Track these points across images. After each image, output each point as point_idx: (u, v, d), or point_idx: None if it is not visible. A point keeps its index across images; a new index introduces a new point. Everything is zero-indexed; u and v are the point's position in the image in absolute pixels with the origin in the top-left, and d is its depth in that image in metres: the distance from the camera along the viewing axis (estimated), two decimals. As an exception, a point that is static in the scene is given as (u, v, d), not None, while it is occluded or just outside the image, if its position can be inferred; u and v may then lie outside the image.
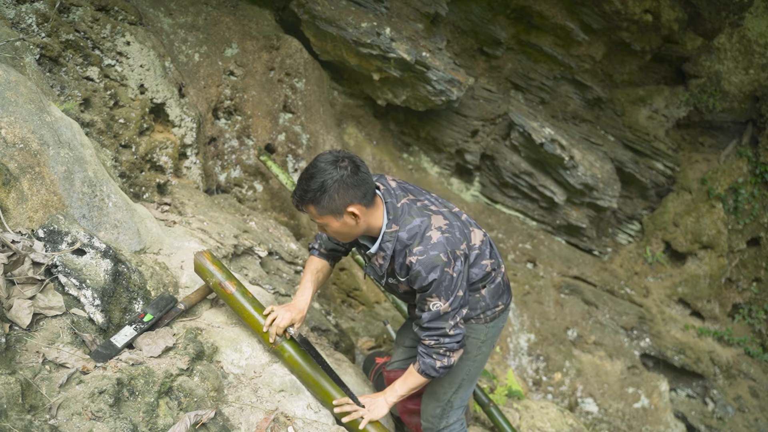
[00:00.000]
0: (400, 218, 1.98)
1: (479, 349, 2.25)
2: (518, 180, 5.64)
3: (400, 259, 1.99)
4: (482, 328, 2.22)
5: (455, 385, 2.30)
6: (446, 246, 1.94)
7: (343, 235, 1.98)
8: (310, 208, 1.90)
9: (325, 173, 1.84)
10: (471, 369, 2.29)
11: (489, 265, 2.14)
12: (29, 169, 1.90)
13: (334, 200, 1.86)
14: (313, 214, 1.91)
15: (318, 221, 1.94)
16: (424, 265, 1.91)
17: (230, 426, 1.78)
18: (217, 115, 3.79)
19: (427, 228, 1.96)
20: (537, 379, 5.12)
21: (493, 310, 2.22)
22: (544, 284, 5.58)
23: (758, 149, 6.02)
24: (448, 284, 1.94)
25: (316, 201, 1.87)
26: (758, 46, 5.68)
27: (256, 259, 3.12)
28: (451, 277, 1.94)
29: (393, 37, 4.26)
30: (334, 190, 1.84)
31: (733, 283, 6.23)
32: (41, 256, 1.77)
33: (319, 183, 1.84)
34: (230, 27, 3.86)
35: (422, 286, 1.95)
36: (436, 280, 1.92)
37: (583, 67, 5.62)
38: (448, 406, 2.33)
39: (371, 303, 4.25)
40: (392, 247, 1.98)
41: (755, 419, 5.72)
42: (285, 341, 2.11)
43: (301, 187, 1.88)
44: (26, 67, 2.41)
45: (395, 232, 1.97)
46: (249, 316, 2.11)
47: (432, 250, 1.92)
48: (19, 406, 1.38)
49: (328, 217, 1.91)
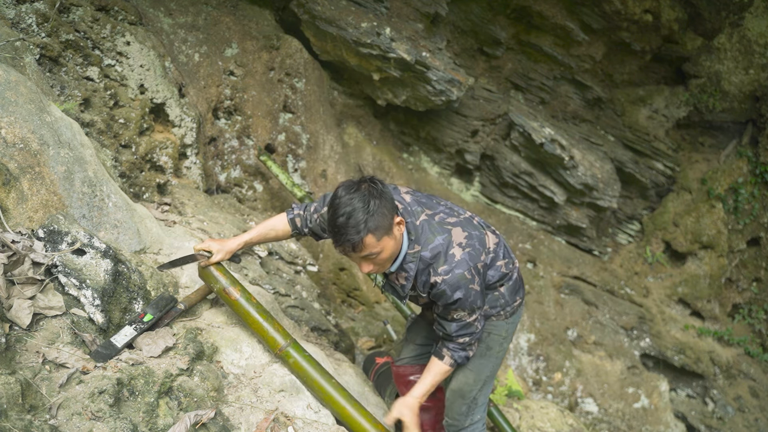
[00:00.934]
0: (422, 237, 1.97)
1: (501, 345, 2.31)
2: (518, 180, 5.64)
3: (422, 278, 2.00)
4: (503, 324, 2.28)
5: (480, 382, 2.34)
6: (469, 262, 1.96)
7: (390, 258, 1.92)
8: (368, 240, 1.80)
9: (361, 199, 1.79)
10: (495, 365, 2.35)
11: (504, 266, 2.17)
12: (29, 169, 1.90)
13: (385, 217, 1.82)
14: (372, 244, 1.82)
15: (376, 250, 1.84)
16: (449, 284, 1.93)
17: (230, 426, 1.78)
18: (217, 115, 3.79)
19: (449, 245, 1.96)
20: (537, 379, 5.12)
21: (512, 306, 2.27)
22: (544, 284, 5.58)
23: (758, 149, 6.02)
24: (473, 299, 1.99)
25: (373, 227, 1.79)
26: (758, 46, 5.68)
27: (256, 259, 3.12)
28: (476, 291, 1.99)
29: (393, 37, 4.26)
30: (379, 208, 1.79)
31: (733, 283, 6.23)
32: (41, 256, 1.77)
33: (365, 209, 1.77)
34: (230, 27, 3.86)
35: (447, 303, 1.98)
36: (461, 299, 1.96)
37: (583, 67, 5.62)
38: (474, 403, 2.37)
39: (371, 303, 4.25)
40: (415, 267, 1.98)
41: (755, 419, 5.72)
42: (290, 346, 2.11)
43: (350, 225, 1.77)
44: (26, 67, 2.41)
45: (417, 252, 1.97)
46: (254, 322, 2.11)
47: (457, 268, 1.94)
48: (19, 406, 1.38)
49: (385, 239, 1.84)
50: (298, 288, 3.32)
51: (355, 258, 1.88)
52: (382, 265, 1.93)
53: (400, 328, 3.84)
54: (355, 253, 1.84)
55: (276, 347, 2.09)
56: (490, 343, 2.28)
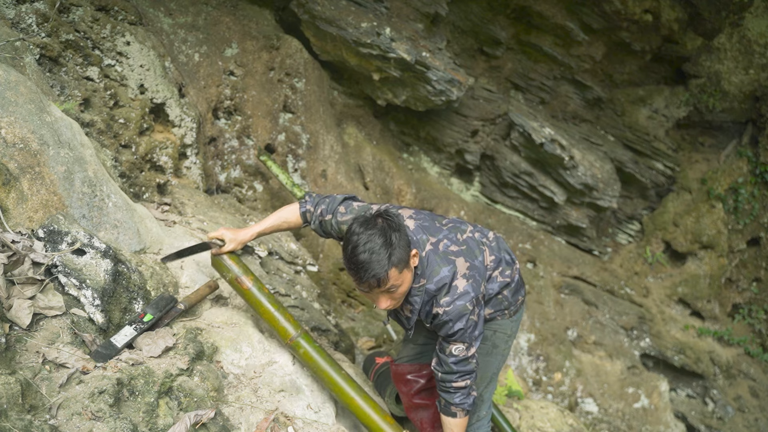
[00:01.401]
0: (427, 270, 1.99)
1: (507, 343, 2.35)
2: (518, 180, 5.64)
3: (427, 308, 2.03)
4: (507, 323, 2.31)
5: (486, 380, 2.38)
6: (471, 293, 1.99)
7: (408, 287, 1.94)
8: (392, 273, 1.81)
9: (381, 234, 1.80)
10: (500, 363, 2.39)
11: (500, 275, 2.21)
12: (29, 169, 1.90)
13: (405, 250, 1.84)
14: (395, 277, 1.83)
15: (397, 283, 1.86)
16: (451, 315, 1.97)
17: (230, 426, 1.78)
18: (217, 115, 3.79)
19: (454, 277, 1.99)
20: (537, 379, 5.12)
21: (515, 305, 2.31)
22: (544, 284, 5.58)
23: (758, 149, 6.02)
24: (471, 330, 2.01)
25: (396, 261, 1.80)
26: (758, 46, 5.68)
27: (256, 259, 3.12)
28: (475, 322, 2.02)
29: (393, 37, 4.26)
30: (399, 240, 1.82)
31: (733, 283, 6.23)
32: (41, 256, 1.77)
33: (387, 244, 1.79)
34: (230, 27, 3.86)
35: (448, 333, 2.00)
36: (462, 329, 1.98)
37: (583, 67, 5.62)
38: (480, 400, 2.41)
39: (371, 303, 4.25)
40: (420, 301, 2.01)
41: (755, 419, 5.72)
42: (301, 337, 2.10)
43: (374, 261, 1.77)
44: (26, 67, 2.41)
45: (423, 285, 1.99)
46: (265, 311, 2.11)
47: (459, 300, 1.96)
48: (19, 406, 1.38)
49: (405, 272, 1.87)
50: (298, 288, 3.32)
51: (375, 293, 1.88)
52: (399, 300, 1.94)
53: (400, 328, 3.85)
54: (378, 288, 1.84)
55: (287, 337, 2.10)
56: (496, 341, 2.31)
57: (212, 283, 2.31)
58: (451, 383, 2.09)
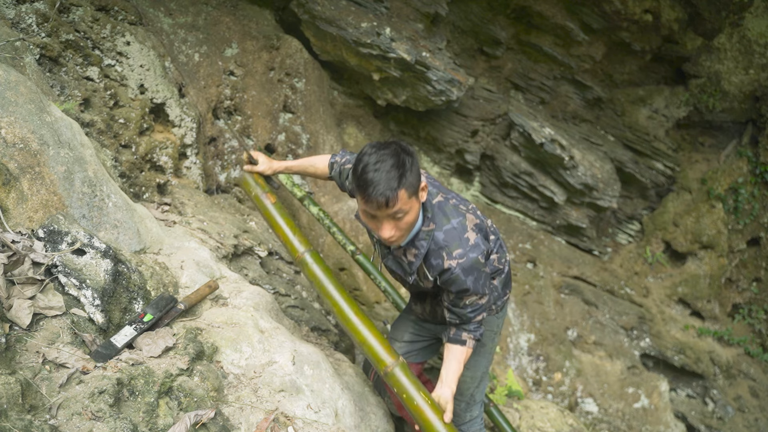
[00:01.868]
0: (437, 217, 1.94)
1: (493, 341, 2.35)
2: (518, 180, 5.64)
3: (433, 260, 1.96)
4: (493, 319, 2.32)
5: (476, 379, 2.38)
6: (482, 246, 1.95)
7: (413, 223, 1.87)
8: (402, 194, 1.74)
9: (394, 155, 1.74)
10: (488, 361, 2.39)
11: (497, 260, 2.21)
12: (29, 169, 1.90)
13: (415, 176, 1.78)
14: (404, 200, 1.76)
15: (406, 207, 1.78)
16: (463, 268, 1.91)
17: (230, 426, 1.78)
18: (217, 115, 3.79)
19: (464, 230, 1.94)
20: (537, 379, 5.12)
21: (502, 300, 2.31)
22: (544, 284, 5.58)
23: (758, 149, 6.02)
24: (483, 283, 1.99)
25: (407, 180, 1.74)
26: (758, 46, 5.68)
27: (256, 259, 3.12)
28: (486, 275, 2.01)
29: (393, 37, 4.26)
30: (412, 165, 1.77)
31: (733, 283, 6.23)
32: (41, 256, 1.77)
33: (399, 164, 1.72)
34: (230, 27, 3.86)
35: (460, 289, 1.96)
36: (473, 283, 1.95)
37: (583, 67, 5.62)
38: (471, 400, 2.42)
39: (371, 303, 4.25)
40: (427, 246, 1.94)
41: (755, 419, 5.72)
42: (307, 253, 2.16)
43: (384, 179, 1.70)
44: (26, 67, 2.41)
45: (431, 231, 1.94)
46: (279, 228, 2.23)
47: (471, 252, 1.91)
48: (19, 406, 1.38)
49: (414, 199, 1.81)
50: (298, 288, 3.32)
51: (380, 218, 1.81)
52: (403, 231, 1.86)
53: (400, 328, 3.85)
54: (385, 209, 1.75)
55: (296, 253, 2.17)
56: (484, 339, 2.30)
57: (212, 283, 2.31)
58: (470, 322, 2.09)
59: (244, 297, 2.39)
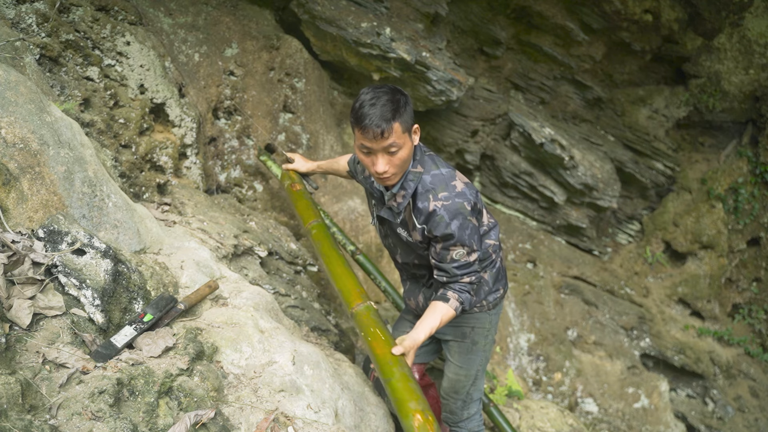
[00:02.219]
0: (427, 163, 2.00)
1: (486, 338, 2.31)
2: (518, 180, 5.64)
3: (420, 203, 1.97)
4: (485, 316, 2.27)
5: (471, 377, 2.36)
6: (469, 196, 1.94)
7: (408, 160, 1.93)
8: (396, 127, 1.82)
9: (390, 92, 1.83)
10: (482, 360, 2.35)
11: (491, 246, 2.18)
12: (29, 169, 1.90)
13: (409, 114, 1.88)
14: (398, 133, 1.84)
15: (400, 141, 1.85)
16: (448, 210, 1.91)
17: (230, 426, 1.78)
18: (217, 115, 3.79)
19: (452, 177, 1.97)
20: (537, 379, 5.12)
21: (494, 296, 2.27)
22: (544, 284, 5.58)
23: (758, 149, 6.02)
24: (471, 232, 1.94)
25: (401, 115, 1.82)
26: (758, 46, 5.68)
27: (256, 259, 3.12)
28: (473, 227, 1.95)
29: (393, 37, 4.26)
30: (406, 104, 1.86)
31: (733, 283, 6.23)
32: (41, 256, 1.77)
33: (395, 100, 1.81)
34: (230, 27, 3.86)
35: (444, 233, 1.92)
36: (459, 229, 1.91)
37: (583, 67, 5.62)
38: (468, 398, 2.40)
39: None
40: (414, 186, 1.97)
41: (755, 419, 5.72)
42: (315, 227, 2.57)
43: (381, 110, 1.79)
44: (26, 67, 2.41)
45: (420, 173, 1.97)
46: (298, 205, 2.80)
47: (458, 197, 1.92)
48: (19, 406, 1.38)
49: (407, 135, 1.89)
50: (298, 288, 3.32)
51: (376, 151, 1.87)
52: (397, 168, 1.91)
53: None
54: (381, 140, 1.82)
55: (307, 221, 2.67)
56: (475, 337, 2.28)
57: (212, 283, 2.31)
58: (457, 282, 2.02)
59: (244, 297, 2.39)
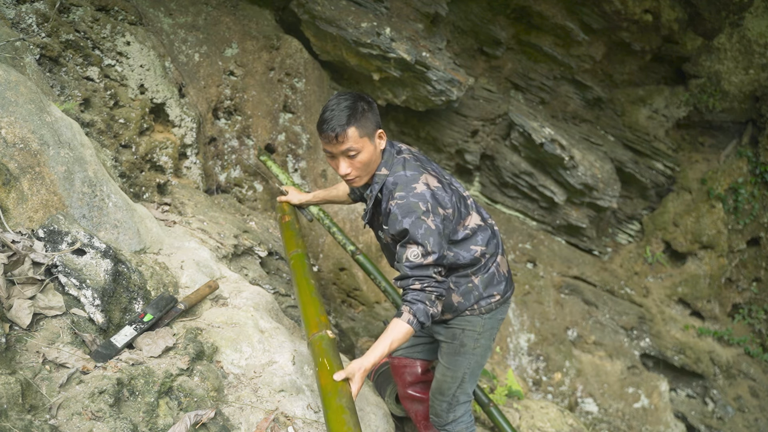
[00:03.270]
0: (394, 166, 2.05)
1: (476, 342, 2.23)
2: (518, 180, 5.64)
3: (383, 204, 2.03)
4: (478, 319, 2.20)
5: (458, 380, 2.30)
6: (428, 199, 1.94)
7: (371, 163, 2.03)
8: (351, 132, 1.93)
9: (350, 99, 1.95)
10: (471, 363, 2.27)
11: (479, 251, 2.12)
12: (29, 169, 1.90)
13: (369, 120, 1.97)
14: (354, 137, 1.94)
15: (356, 146, 1.95)
16: (401, 208, 1.93)
17: (230, 426, 1.78)
18: (217, 115, 3.79)
19: (415, 180, 1.98)
20: (537, 379, 5.12)
21: (488, 301, 2.18)
22: (544, 284, 5.58)
23: (758, 149, 6.02)
24: (425, 232, 1.90)
25: (358, 121, 1.93)
26: (758, 46, 5.68)
27: (256, 259, 3.12)
28: (428, 227, 1.91)
29: (393, 37, 4.26)
30: (366, 112, 1.96)
31: (733, 283, 6.23)
32: (41, 256, 1.77)
33: (353, 107, 1.93)
34: (230, 27, 3.86)
35: (397, 230, 1.93)
36: (411, 226, 1.90)
37: (583, 67, 5.62)
38: (454, 400, 2.35)
39: (371, 303, 4.25)
40: (378, 188, 2.04)
41: (755, 419, 5.72)
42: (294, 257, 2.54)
43: (337, 116, 1.91)
44: (26, 67, 2.41)
45: (385, 175, 2.04)
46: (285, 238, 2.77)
47: (413, 197, 1.93)
48: (19, 406, 1.38)
49: (366, 140, 1.97)
50: (298, 288, 3.32)
51: (337, 155, 1.99)
52: (359, 171, 2.02)
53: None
54: (337, 144, 1.94)
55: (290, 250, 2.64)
56: (464, 339, 2.22)
57: (212, 283, 2.31)
58: (409, 288, 1.95)
59: (244, 297, 2.39)
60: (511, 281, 2.31)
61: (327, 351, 1.92)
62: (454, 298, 2.17)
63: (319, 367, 1.85)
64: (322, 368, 1.84)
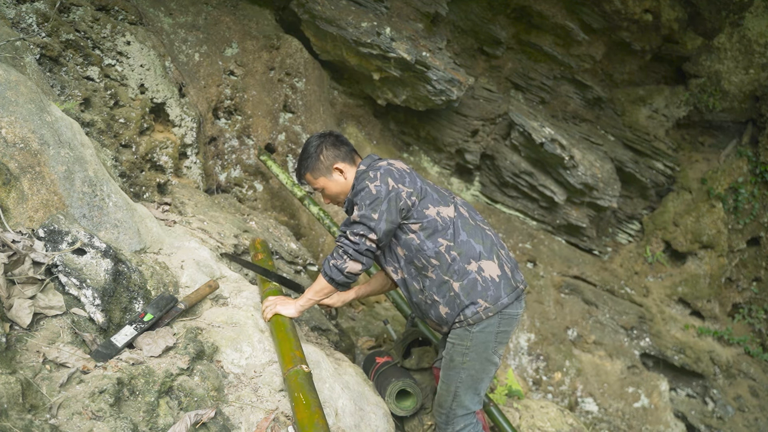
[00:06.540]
0: (372, 165, 2.22)
1: (464, 357, 2.16)
2: (518, 180, 5.64)
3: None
4: (465, 333, 2.13)
5: (451, 393, 2.27)
6: (383, 174, 2.10)
7: (340, 194, 2.30)
8: (308, 177, 2.29)
9: (310, 144, 2.27)
10: (462, 377, 2.21)
11: (444, 246, 2.10)
12: (29, 168, 1.90)
13: (321, 162, 2.25)
14: (311, 181, 2.28)
15: (317, 187, 2.29)
16: (358, 178, 2.18)
17: (230, 425, 1.78)
18: (217, 115, 3.79)
19: (381, 161, 2.21)
20: (537, 378, 5.12)
21: (473, 310, 2.09)
22: (544, 284, 5.58)
23: (758, 149, 6.02)
24: (365, 195, 2.08)
25: (308, 167, 2.26)
26: (758, 46, 5.68)
27: (256, 259, 3.11)
28: (370, 191, 2.08)
29: (393, 37, 4.26)
30: (320, 153, 2.24)
31: (733, 282, 6.24)
32: (41, 256, 1.77)
33: (307, 152, 2.27)
34: (230, 27, 3.86)
35: (353, 192, 2.17)
36: (358, 182, 2.16)
37: (583, 66, 5.62)
38: (451, 413, 2.33)
39: (371, 303, 4.25)
40: (346, 206, 2.29)
41: (755, 419, 5.72)
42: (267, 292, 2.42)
43: (299, 163, 2.29)
44: (26, 66, 2.41)
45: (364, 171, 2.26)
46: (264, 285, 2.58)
47: (371, 171, 2.14)
48: (19, 406, 1.38)
49: (322, 179, 2.27)
50: (298, 288, 3.32)
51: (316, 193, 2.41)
52: (333, 199, 2.33)
53: (400, 328, 3.85)
54: (305, 186, 2.35)
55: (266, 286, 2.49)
56: (453, 354, 2.18)
57: (212, 282, 2.31)
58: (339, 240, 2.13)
59: (245, 297, 2.39)
60: (512, 287, 2.15)
61: (302, 385, 1.94)
62: (442, 309, 2.15)
63: (294, 402, 1.88)
64: (298, 402, 1.87)
